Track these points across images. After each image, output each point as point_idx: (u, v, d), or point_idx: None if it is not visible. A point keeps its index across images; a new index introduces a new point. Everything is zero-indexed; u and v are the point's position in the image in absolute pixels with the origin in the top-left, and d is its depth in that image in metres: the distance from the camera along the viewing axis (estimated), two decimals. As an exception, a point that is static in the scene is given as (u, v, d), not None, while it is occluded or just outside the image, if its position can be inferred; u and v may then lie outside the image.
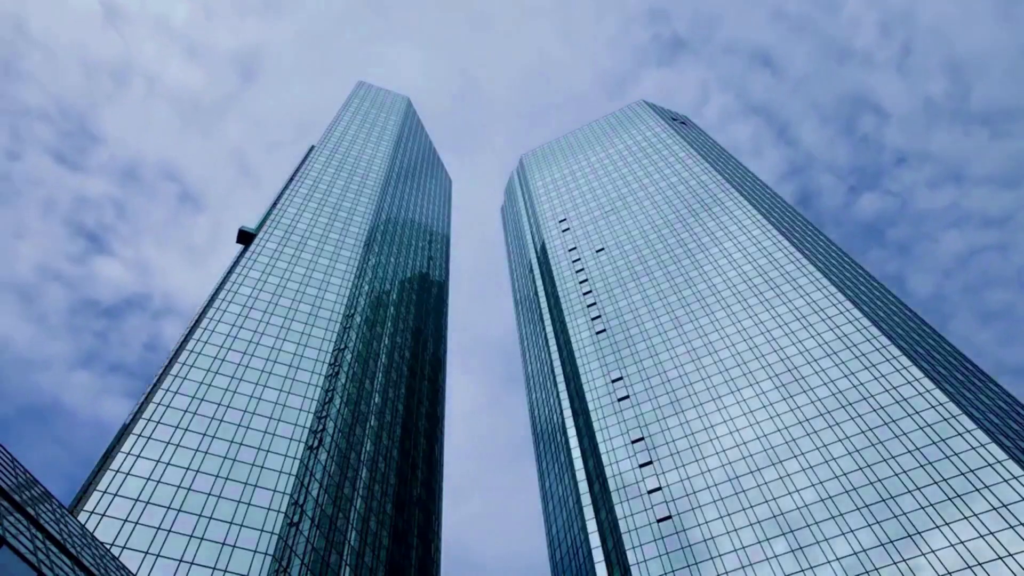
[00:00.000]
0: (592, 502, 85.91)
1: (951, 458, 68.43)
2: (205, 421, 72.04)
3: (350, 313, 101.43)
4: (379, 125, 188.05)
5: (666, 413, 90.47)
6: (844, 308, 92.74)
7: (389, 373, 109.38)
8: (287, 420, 76.30)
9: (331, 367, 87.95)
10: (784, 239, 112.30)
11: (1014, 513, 61.33)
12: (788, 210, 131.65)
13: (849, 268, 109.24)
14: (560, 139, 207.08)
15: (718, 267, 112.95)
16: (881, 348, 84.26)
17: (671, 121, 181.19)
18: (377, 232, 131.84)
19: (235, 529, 61.88)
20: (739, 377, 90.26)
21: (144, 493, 61.67)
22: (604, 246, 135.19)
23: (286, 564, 61.75)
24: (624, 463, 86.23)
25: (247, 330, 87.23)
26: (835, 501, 70.09)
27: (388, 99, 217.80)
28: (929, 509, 65.03)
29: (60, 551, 28.90)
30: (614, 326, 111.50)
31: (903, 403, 76.24)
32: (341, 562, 70.30)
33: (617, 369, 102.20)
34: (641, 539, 75.79)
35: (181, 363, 78.42)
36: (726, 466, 79.43)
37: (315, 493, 71.61)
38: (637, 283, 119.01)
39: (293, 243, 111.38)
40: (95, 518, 57.70)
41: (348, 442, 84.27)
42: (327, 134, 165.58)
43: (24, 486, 32.00)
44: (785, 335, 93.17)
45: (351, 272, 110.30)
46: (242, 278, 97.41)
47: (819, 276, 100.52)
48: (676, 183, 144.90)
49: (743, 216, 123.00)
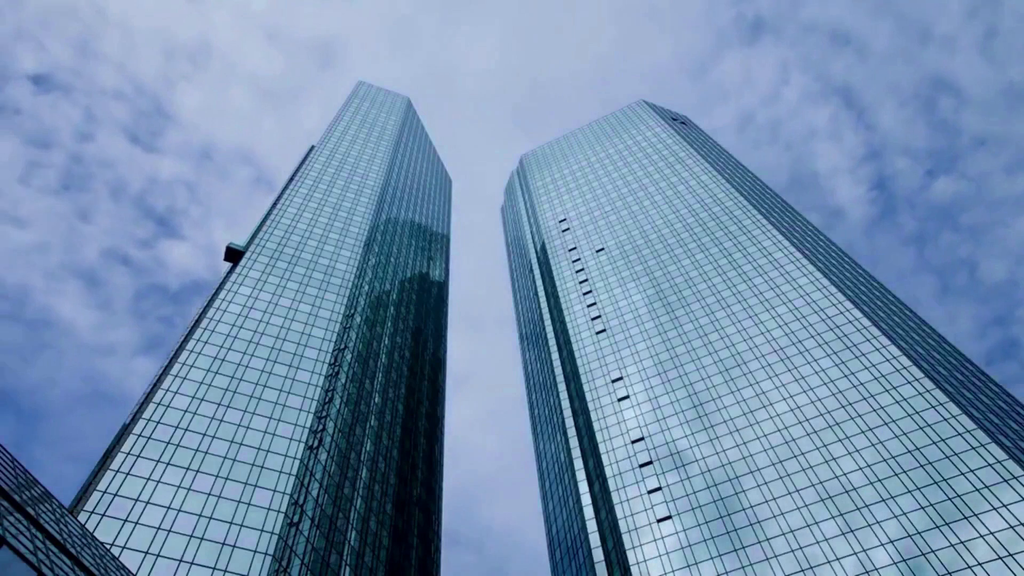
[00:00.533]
0: (592, 502, 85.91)
1: (951, 458, 68.42)
2: (205, 421, 72.03)
3: (350, 313, 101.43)
4: (379, 125, 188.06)
5: (666, 413, 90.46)
6: (844, 308, 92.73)
7: (389, 373, 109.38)
8: (287, 420, 76.30)
9: (331, 367, 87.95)
10: (783, 238, 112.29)
11: (1014, 513, 61.33)
12: (788, 210, 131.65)
13: (849, 268, 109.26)
14: (560, 139, 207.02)
15: (718, 267, 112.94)
16: (881, 348, 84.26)
17: (671, 121, 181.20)
18: (377, 232, 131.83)
19: (235, 529, 61.88)
20: (739, 377, 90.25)
21: (144, 493, 61.67)
22: (604, 246, 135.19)
23: (286, 564, 61.75)
24: (624, 463, 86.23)
25: (247, 330, 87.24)
26: (835, 501, 70.08)
27: (388, 99, 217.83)
28: (929, 509, 65.02)
29: (60, 551, 28.90)
30: (614, 326, 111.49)
31: (903, 403, 76.24)
32: (341, 562, 70.30)
33: (617, 369, 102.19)
34: (641, 539, 75.79)
35: (181, 363, 78.42)
36: (726, 466, 79.44)
37: (315, 493, 71.61)
38: (637, 283, 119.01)
39: (293, 243, 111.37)
40: (95, 518, 57.71)
41: (348, 442, 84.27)
42: (327, 134, 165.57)
43: (24, 486, 32.01)
44: (785, 335, 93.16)
45: (351, 272, 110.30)
46: (242, 278, 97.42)
47: (819, 276, 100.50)
48: (676, 183, 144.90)
49: (743, 216, 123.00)
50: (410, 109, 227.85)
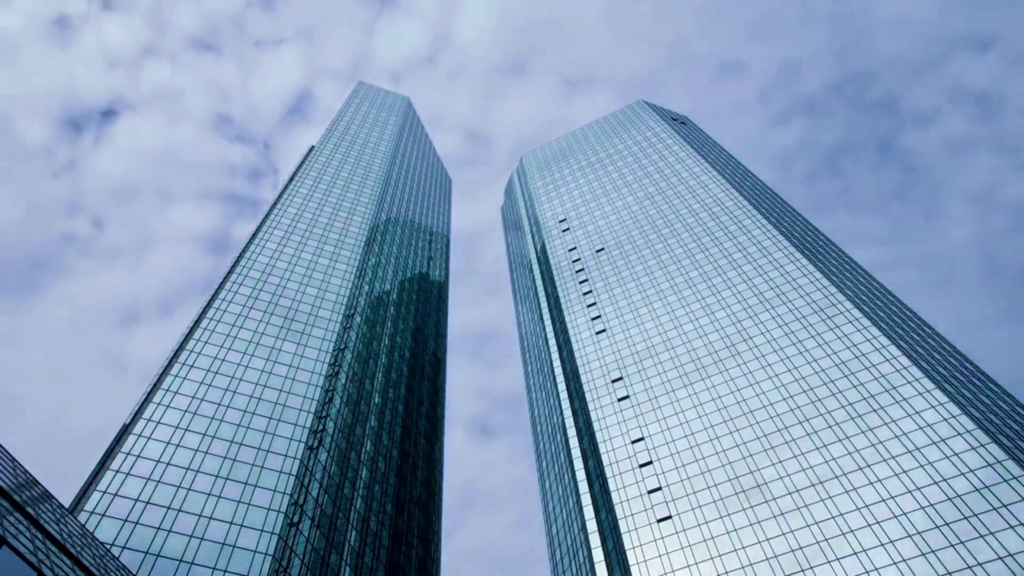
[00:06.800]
0: (592, 502, 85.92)
1: (951, 458, 68.42)
2: (205, 421, 72.05)
3: (350, 313, 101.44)
4: (379, 125, 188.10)
5: (666, 413, 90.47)
6: (844, 308, 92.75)
7: (389, 373, 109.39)
8: (287, 420, 76.31)
9: (331, 367, 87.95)
10: (785, 240, 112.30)
11: (1014, 513, 61.34)
12: (788, 210, 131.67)
13: (850, 268, 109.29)
14: (560, 139, 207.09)
15: (718, 267, 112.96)
16: (881, 348, 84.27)
17: (671, 121, 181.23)
18: (377, 232, 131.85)
19: (235, 529, 61.88)
20: (739, 377, 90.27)
21: (144, 493, 61.68)
22: (604, 246, 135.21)
23: (286, 564, 61.75)
24: (624, 463, 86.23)
25: (247, 330, 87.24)
26: (835, 501, 70.07)
27: (388, 99, 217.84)
28: (929, 509, 65.03)
29: (60, 551, 28.90)
30: (614, 326, 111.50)
31: (903, 403, 76.24)
32: (341, 562, 70.30)
33: (617, 369, 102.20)
34: (641, 539, 75.79)
35: (181, 363, 78.43)
36: (726, 466, 79.43)
37: (315, 493, 71.61)
38: (637, 283, 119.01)
39: (293, 243, 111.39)
40: (95, 518, 57.70)
41: (348, 442, 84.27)
42: (327, 134, 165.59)
43: (24, 486, 32.01)
44: (785, 335, 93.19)
45: (351, 272, 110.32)
46: (242, 278, 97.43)
47: (819, 276, 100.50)
48: (676, 183, 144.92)
49: (743, 216, 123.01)
50: (410, 109, 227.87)
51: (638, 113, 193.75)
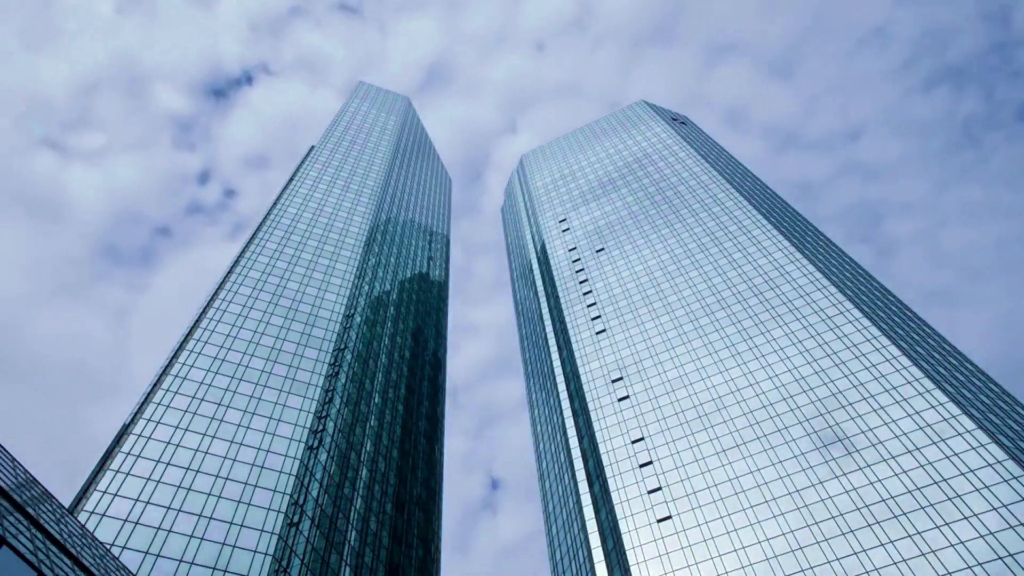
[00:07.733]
0: (592, 502, 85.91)
1: (951, 458, 68.42)
2: (205, 421, 72.03)
3: (350, 313, 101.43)
4: (379, 125, 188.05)
5: (666, 413, 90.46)
6: (844, 308, 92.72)
7: (389, 373, 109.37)
8: (287, 420, 76.30)
9: (331, 367, 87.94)
10: (785, 240, 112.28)
11: (1014, 513, 61.33)
12: (788, 210, 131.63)
13: (850, 268, 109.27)
14: (560, 139, 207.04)
15: (718, 267, 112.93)
16: (881, 348, 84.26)
17: (671, 121, 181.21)
18: (377, 232, 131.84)
19: (235, 529, 61.88)
20: (739, 377, 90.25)
21: (144, 493, 61.67)
22: (604, 246, 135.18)
23: (286, 564, 61.74)
24: (624, 463, 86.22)
25: (247, 330, 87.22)
26: (835, 501, 70.07)
27: (388, 99, 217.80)
28: (929, 509, 65.03)
29: (60, 551, 28.90)
30: (614, 326, 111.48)
31: (903, 403, 76.24)
32: (341, 562, 70.29)
33: (617, 369, 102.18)
34: (641, 539, 75.78)
35: (181, 363, 78.42)
36: (726, 466, 79.42)
37: (315, 493, 71.61)
38: (637, 283, 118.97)
39: (293, 243, 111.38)
40: (95, 518, 57.70)
41: (348, 442, 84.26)
42: (327, 134, 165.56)
43: (24, 486, 32.00)
44: (785, 335, 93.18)
45: (351, 272, 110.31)
46: (242, 278, 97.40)
47: (819, 276, 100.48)
48: (676, 183, 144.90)
49: (743, 216, 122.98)
50: (410, 109, 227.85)
51: (638, 113, 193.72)
